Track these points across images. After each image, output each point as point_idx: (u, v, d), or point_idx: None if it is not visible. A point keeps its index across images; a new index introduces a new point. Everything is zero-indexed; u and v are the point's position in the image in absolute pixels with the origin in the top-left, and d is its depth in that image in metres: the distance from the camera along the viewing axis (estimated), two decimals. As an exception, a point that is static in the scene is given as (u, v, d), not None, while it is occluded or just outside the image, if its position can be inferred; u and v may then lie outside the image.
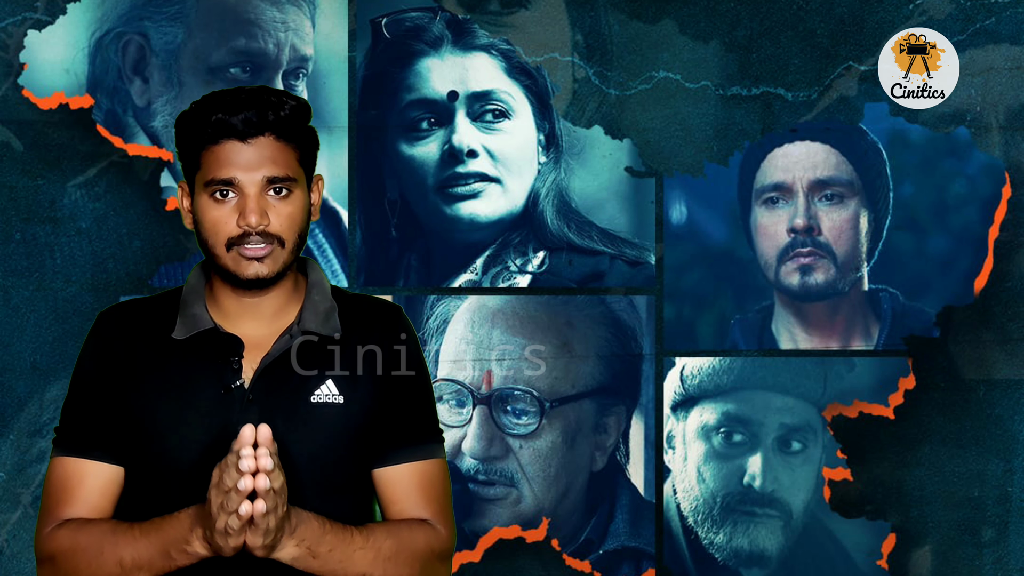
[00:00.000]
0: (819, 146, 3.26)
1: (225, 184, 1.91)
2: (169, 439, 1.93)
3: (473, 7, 3.22)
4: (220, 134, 1.91)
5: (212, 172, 1.91)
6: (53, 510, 1.96)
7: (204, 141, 1.92)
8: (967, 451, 3.27)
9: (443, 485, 2.04)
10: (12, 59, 3.14)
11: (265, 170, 1.91)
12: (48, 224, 3.15)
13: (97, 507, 1.96)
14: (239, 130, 1.90)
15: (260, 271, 1.93)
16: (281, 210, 1.93)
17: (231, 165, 1.90)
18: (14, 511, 3.15)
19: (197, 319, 1.97)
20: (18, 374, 3.14)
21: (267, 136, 1.92)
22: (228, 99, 1.92)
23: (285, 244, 1.94)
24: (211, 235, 1.93)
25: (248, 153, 1.91)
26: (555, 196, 3.24)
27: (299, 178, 1.95)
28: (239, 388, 1.94)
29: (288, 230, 1.94)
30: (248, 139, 1.91)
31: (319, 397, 1.96)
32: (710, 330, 3.26)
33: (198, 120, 1.92)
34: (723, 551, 3.26)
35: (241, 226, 1.91)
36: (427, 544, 1.98)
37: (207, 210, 1.93)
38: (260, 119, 1.91)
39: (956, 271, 3.28)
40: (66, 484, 1.96)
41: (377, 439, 2.01)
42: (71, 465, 1.97)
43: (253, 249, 1.92)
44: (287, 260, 1.95)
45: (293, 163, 1.94)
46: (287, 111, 1.93)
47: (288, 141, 1.93)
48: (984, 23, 3.26)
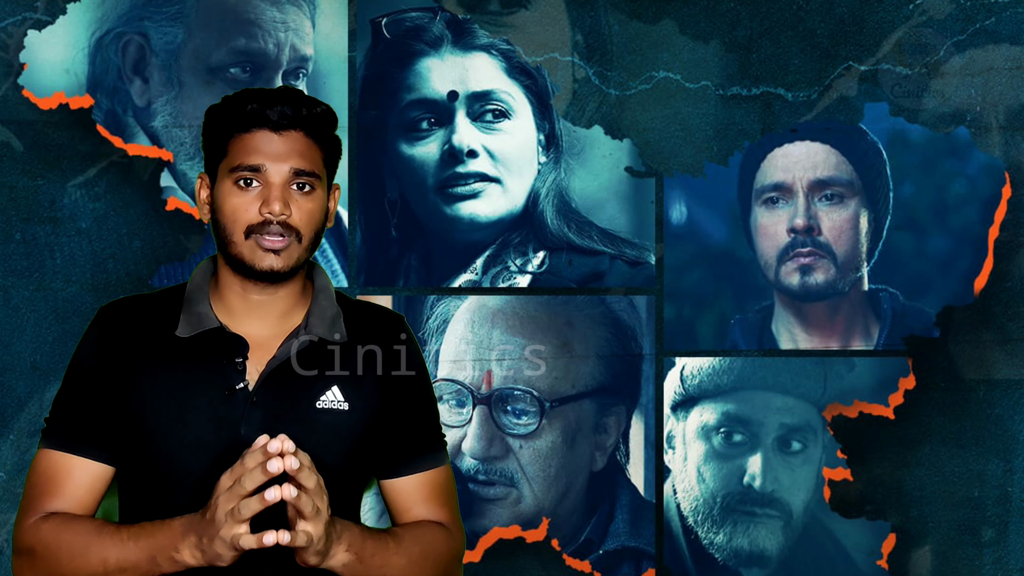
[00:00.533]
0: (819, 146, 3.26)
1: (252, 171, 1.92)
2: (169, 439, 1.93)
3: (473, 7, 3.22)
4: (253, 123, 1.93)
5: (240, 158, 1.92)
6: (36, 502, 1.94)
7: (235, 129, 1.93)
8: (967, 451, 3.27)
9: (451, 490, 2.07)
10: (12, 59, 3.14)
11: (293, 162, 1.93)
12: (48, 224, 3.15)
13: (83, 503, 1.95)
14: (273, 121, 1.93)
15: (275, 264, 1.93)
16: (303, 205, 1.94)
17: (260, 153, 1.92)
18: (14, 511, 3.15)
19: (202, 317, 1.97)
20: (18, 374, 3.14)
21: (298, 131, 1.94)
22: (264, 92, 1.95)
23: (302, 239, 1.94)
24: (230, 221, 1.93)
25: (278, 144, 1.93)
26: (555, 196, 3.24)
27: (322, 177, 1.97)
28: (243, 390, 1.93)
29: (307, 225, 1.95)
30: (280, 131, 1.93)
31: (324, 403, 1.96)
32: (710, 330, 3.26)
33: (232, 109, 1.94)
34: (723, 551, 3.26)
35: (263, 213, 1.91)
36: (448, 548, 2.00)
37: (228, 196, 1.93)
38: (295, 113, 1.93)
39: (956, 271, 3.28)
40: (52, 477, 1.95)
41: (383, 448, 2.01)
42: (59, 459, 1.95)
43: (272, 240, 1.92)
44: (301, 257, 1.95)
45: (319, 162, 1.96)
46: (319, 111, 1.95)
47: (316, 140, 1.96)
48: (984, 23, 3.26)
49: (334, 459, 1.95)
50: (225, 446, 1.90)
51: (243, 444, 1.89)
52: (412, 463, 2.03)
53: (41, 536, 1.92)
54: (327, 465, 1.94)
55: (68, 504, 1.94)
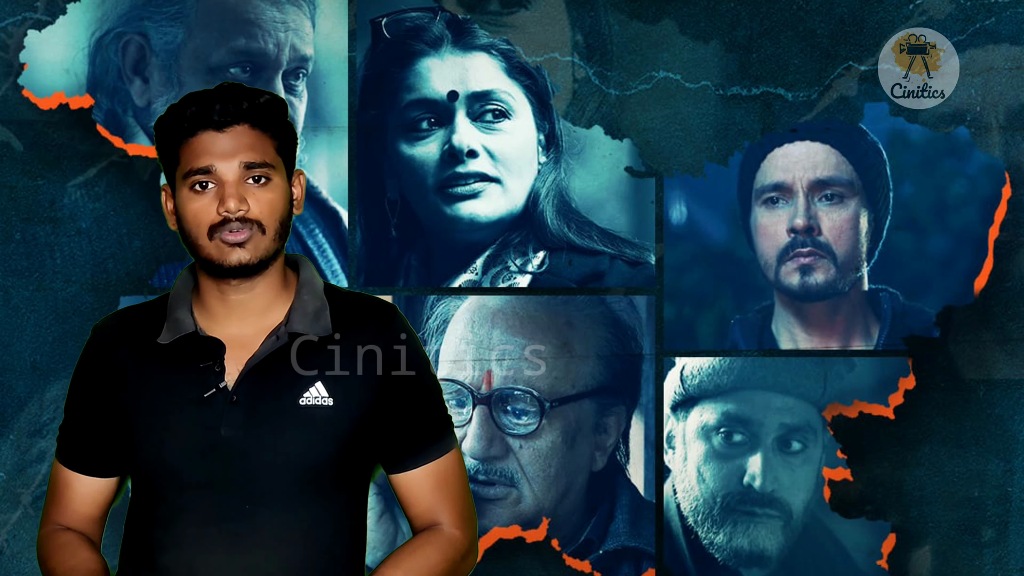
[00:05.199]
0: (819, 146, 3.26)
1: (203, 173, 1.92)
2: (156, 444, 1.94)
3: (473, 7, 3.22)
4: (196, 126, 1.93)
5: (190, 163, 1.93)
6: (48, 510, 2.07)
7: (181, 135, 1.94)
8: (967, 451, 3.27)
9: (460, 478, 2.07)
10: (12, 59, 3.14)
11: (242, 156, 1.93)
12: (48, 224, 3.15)
13: (85, 516, 2.05)
14: (215, 120, 1.93)
15: (243, 257, 1.93)
16: (261, 196, 1.94)
17: (208, 154, 1.92)
18: (14, 511, 3.15)
19: (180, 323, 1.98)
20: (18, 374, 3.15)
21: (243, 125, 1.94)
22: (202, 94, 1.95)
23: (266, 230, 1.94)
24: (193, 226, 1.94)
25: (224, 142, 1.93)
26: (555, 196, 3.24)
27: (277, 166, 1.96)
28: (223, 391, 1.94)
29: (268, 216, 1.94)
30: (224, 128, 1.93)
31: (308, 399, 1.96)
32: (710, 330, 3.26)
33: (176, 116, 1.95)
34: (723, 551, 3.26)
35: (221, 212, 1.92)
36: (448, 562, 2.00)
37: (188, 203, 1.94)
38: (235, 108, 1.93)
39: (956, 271, 3.28)
40: (58, 487, 2.07)
41: (385, 443, 2.01)
42: (62, 472, 2.07)
43: (234, 235, 1.92)
44: (269, 247, 1.95)
45: (271, 151, 1.96)
46: (262, 101, 1.95)
47: (264, 130, 1.95)
48: (984, 23, 3.26)
49: (319, 456, 1.95)
50: (208, 448, 1.92)
51: (225, 444, 1.91)
52: (417, 456, 2.03)
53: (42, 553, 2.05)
54: (312, 463, 1.94)
55: (71, 517, 2.05)
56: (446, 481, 2.05)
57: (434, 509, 2.04)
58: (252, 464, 1.92)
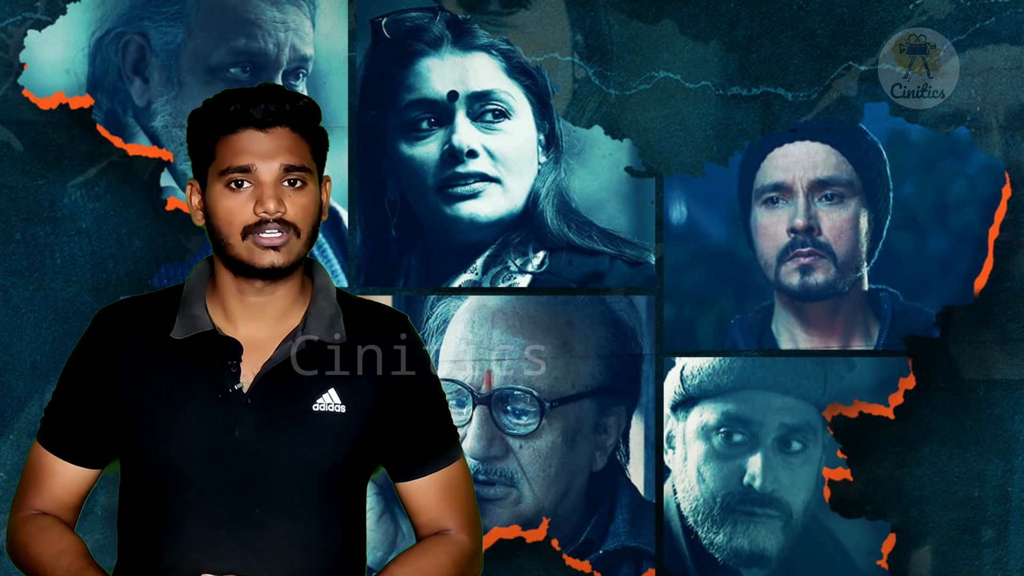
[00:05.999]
0: (819, 146, 3.26)
1: (242, 172, 1.91)
2: (163, 441, 1.93)
3: (473, 7, 3.22)
4: (238, 123, 1.91)
5: (229, 160, 1.91)
6: (24, 495, 2.02)
7: (220, 131, 1.92)
8: (967, 451, 3.28)
9: (466, 487, 2.06)
10: (12, 59, 3.14)
11: (282, 158, 1.92)
12: (48, 224, 3.15)
13: (65, 503, 2.01)
14: (258, 119, 1.91)
15: (276, 260, 1.92)
16: (296, 200, 1.93)
17: (249, 153, 1.91)
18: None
19: (196, 320, 1.96)
20: (18, 374, 3.14)
21: (284, 127, 1.93)
22: (246, 92, 1.94)
23: (300, 234, 1.93)
24: (225, 224, 1.92)
25: (266, 142, 1.92)
26: (555, 196, 3.24)
27: (312, 171, 1.96)
28: (237, 392, 1.93)
29: (303, 220, 1.94)
30: (267, 128, 1.92)
31: (321, 406, 1.95)
32: (710, 330, 3.26)
33: (215, 112, 1.93)
34: (723, 551, 3.26)
35: (258, 213, 1.90)
36: (456, 565, 2.00)
37: (221, 200, 1.92)
38: (279, 109, 1.92)
39: (956, 271, 3.28)
40: (38, 473, 2.02)
41: (391, 451, 2.01)
42: (45, 457, 2.01)
43: (269, 237, 1.91)
44: (300, 252, 1.95)
45: (308, 156, 1.95)
46: (302, 104, 1.94)
47: (303, 134, 1.95)
48: (984, 23, 3.26)
49: (331, 462, 1.95)
50: (220, 449, 1.90)
51: (238, 447, 1.90)
52: (424, 465, 2.03)
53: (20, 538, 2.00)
54: (324, 468, 1.94)
55: (49, 503, 2.01)
56: (455, 490, 2.05)
57: (441, 517, 2.03)
58: (264, 468, 1.91)
